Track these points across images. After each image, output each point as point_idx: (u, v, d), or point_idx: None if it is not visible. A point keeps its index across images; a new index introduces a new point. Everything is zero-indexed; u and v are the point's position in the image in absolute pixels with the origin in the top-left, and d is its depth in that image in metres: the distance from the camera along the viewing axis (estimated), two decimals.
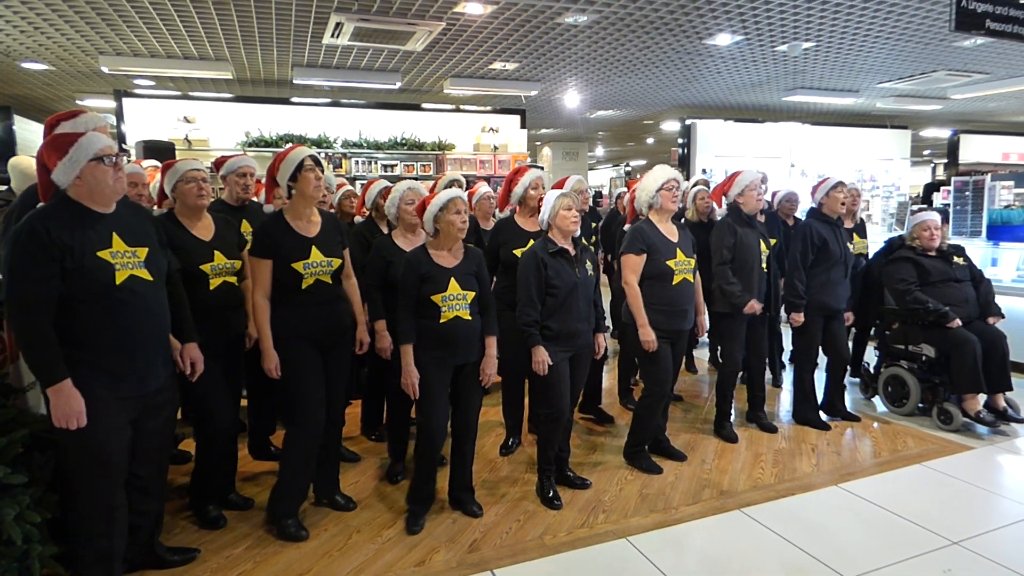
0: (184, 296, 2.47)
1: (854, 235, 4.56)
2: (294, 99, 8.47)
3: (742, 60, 7.29)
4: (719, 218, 3.98)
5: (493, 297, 2.96)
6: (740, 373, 4.05)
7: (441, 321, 2.75)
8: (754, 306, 3.67)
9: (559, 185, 3.74)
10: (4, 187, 4.00)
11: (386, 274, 3.16)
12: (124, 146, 7.37)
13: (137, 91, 8.07)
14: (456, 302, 2.76)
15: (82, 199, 2.12)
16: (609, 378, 5.19)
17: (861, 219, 4.91)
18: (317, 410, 2.74)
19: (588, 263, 3.12)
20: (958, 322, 3.95)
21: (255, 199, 3.96)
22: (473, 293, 2.82)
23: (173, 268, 2.39)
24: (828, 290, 3.91)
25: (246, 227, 3.19)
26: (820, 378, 4.20)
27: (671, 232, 3.38)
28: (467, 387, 2.88)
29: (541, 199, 3.25)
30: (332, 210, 3.99)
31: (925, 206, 9.63)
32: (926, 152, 17.75)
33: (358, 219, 4.15)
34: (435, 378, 2.78)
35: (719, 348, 4.25)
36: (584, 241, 3.23)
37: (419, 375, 2.76)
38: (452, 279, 2.77)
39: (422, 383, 2.78)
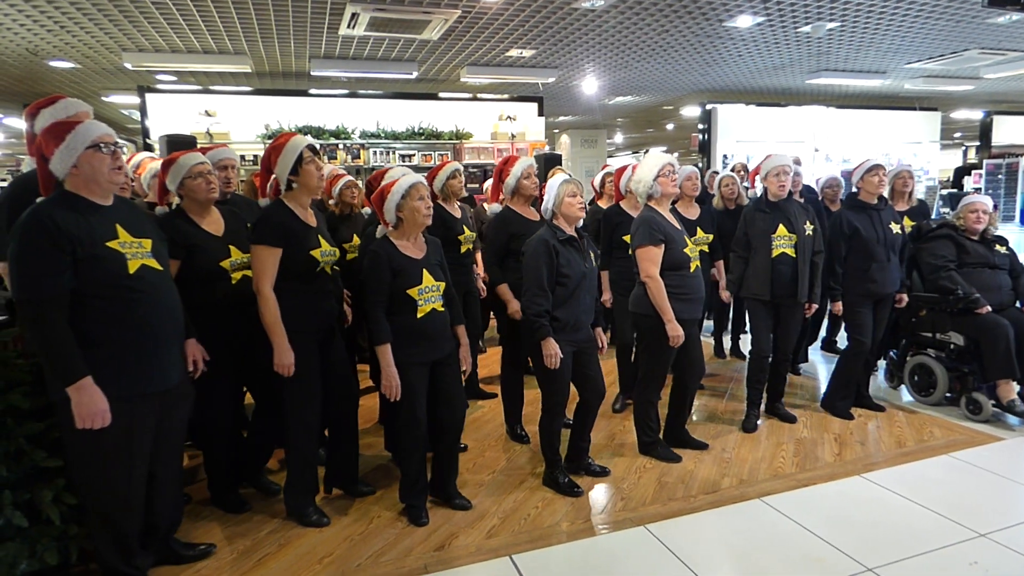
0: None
1: (905, 218, 4.31)
2: (312, 91, 8.52)
3: (764, 42, 7.15)
4: (747, 203, 3.93)
5: (452, 286, 2.88)
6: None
7: (419, 316, 2.66)
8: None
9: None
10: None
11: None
12: (139, 140, 7.49)
13: (159, 86, 8.18)
14: (431, 294, 2.70)
15: (79, 190, 2.05)
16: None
17: (921, 200, 4.73)
18: (315, 403, 2.71)
19: (592, 254, 3.08)
20: (988, 308, 3.85)
21: (238, 192, 3.89)
22: (444, 284, 2.76)
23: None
24: (870, 276, 3.83)
25: None
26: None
27: (673, 220, 3.34)
28: (449, 381, 2.82)
29: (542, 187, 3.13)
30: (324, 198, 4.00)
31: (955, 191, 9.39)
32: (957, 135, 17.28)
33: (366, 211, 4.06)
34: (415, 377, 2.70)
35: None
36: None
37: (399, 376, 2.65)
38: (424, 271, 2.69)
39: (404, 384, 2.66)
